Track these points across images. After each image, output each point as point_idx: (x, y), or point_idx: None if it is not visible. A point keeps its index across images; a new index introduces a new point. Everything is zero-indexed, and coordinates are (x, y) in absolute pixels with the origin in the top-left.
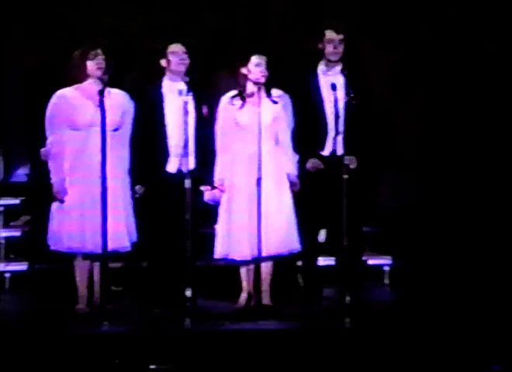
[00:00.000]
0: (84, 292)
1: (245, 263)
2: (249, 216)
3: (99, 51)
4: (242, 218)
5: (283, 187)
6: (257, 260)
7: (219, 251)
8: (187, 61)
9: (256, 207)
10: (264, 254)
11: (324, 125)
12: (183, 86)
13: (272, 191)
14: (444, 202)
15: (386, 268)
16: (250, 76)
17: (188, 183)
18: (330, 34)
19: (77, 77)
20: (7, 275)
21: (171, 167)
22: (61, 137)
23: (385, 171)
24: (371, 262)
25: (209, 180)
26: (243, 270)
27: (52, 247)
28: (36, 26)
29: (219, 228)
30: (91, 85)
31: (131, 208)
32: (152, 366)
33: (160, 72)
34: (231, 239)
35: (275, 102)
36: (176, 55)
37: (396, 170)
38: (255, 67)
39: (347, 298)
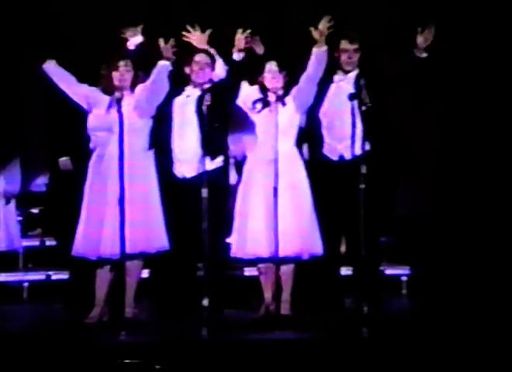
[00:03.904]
0: (101, 301)
1: (261, 261)
2: (265, 218)
3: (122, 63)
4: (258, 220)
5: (302, 191)
6: (274, 260)
7: (234, 251)
8: (207, 71)
9: (273, 212)
10: (282, 254)
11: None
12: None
13: (290, 194)
14: (461, 212)
15: (404, 278)
16: (264, 82)
17: (204, 192)
18: (344, 44)
19: (107, 88)
20: (25, 284)
21: (182, 171)
22: None
23: (402, 181)
24: (388, 272)
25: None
26: (263, 279)
27: (73, 253)
28: (54, 36)
29: (235, 229)
30: (118, 95)
31: (155, 214)
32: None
33: (179, 79)
34: (247, 239)
35: (284, 104)
36: (197, 64)
37: (413, 179)
38: (267, 74)
39: (365, 308)
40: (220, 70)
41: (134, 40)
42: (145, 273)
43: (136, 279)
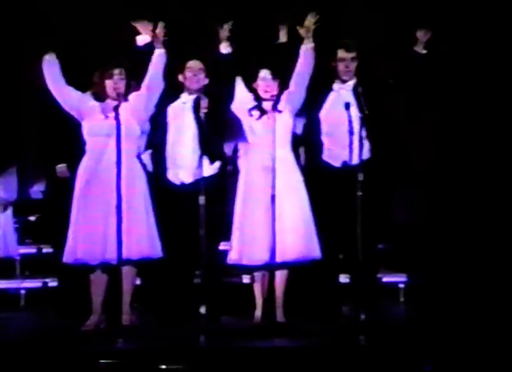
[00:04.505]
0: (98, 308)
1: (260, 268)
2: (263, 225)
3: (117, 71)
4: (255, 227)
5: (299, 195)
6: (271, 267)
7: (232, 257)
8: (201, 77)
9: (271, 219)
10: (280, 260)
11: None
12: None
13: (288, 199)
14: (458, 219)
15: (401, 285)
16: (258, 90)
17: (202, 199)
18: (341, 53)
19: (98, 95)
20: (22, 292)
21: (181, 177)
22: None
23: (399, 188)
24: (386, 279)
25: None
26: (257, 286)
27: (68, 260)
28: (51, 43)
29: (233, 235)
30: (110, 102)
31: (150, 220)
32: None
33: (178, 88)
34: (243, 245)
35: (280, 111)
36: (191, 71)
37: (410, 186)
38: (261, 82)
39: (362, 316)
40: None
41: (144, 38)
42: (138, 281)
43: (131, 285)
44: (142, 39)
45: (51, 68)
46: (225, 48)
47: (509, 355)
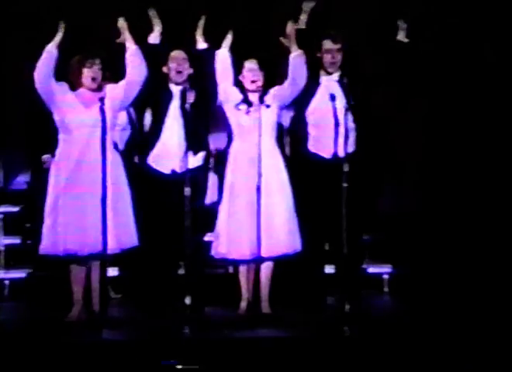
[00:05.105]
0: (79, 299)
1: (245, 262)
2: (249, 218)
3: (97, 61)
4: (242, 220)
5: (284, 187)
6: (257, 260)
7: (218, 250)
8: (185, 67)
9: (256, 211)
10: (265, 255)
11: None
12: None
13: (273, 192)
14: (444, 210)
15: (386, 276)
16: (244, 81)
17: (187, 191)
18: (327, 44)
19: (73, 82)
20: (6, 282)
21: (172, 166)
22: None
23: (385, 179)
24: (370, 270)
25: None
26: (242, 278)
27: (48, 251)
28: (37, 33)
29: (218, 228)
30: (86, 92)
31: (129, 210)
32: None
33: (164, 78)
34: (230, 239)
35: (268, 106)
36: (175, 61)
37: (396, 177)
38: (248, 73)
39: (347, 306)
40: None
41: (154, 36)
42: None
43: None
44: (154, 37)
45: (49, 64)
46: (200, 44)
47: (494, 345)
